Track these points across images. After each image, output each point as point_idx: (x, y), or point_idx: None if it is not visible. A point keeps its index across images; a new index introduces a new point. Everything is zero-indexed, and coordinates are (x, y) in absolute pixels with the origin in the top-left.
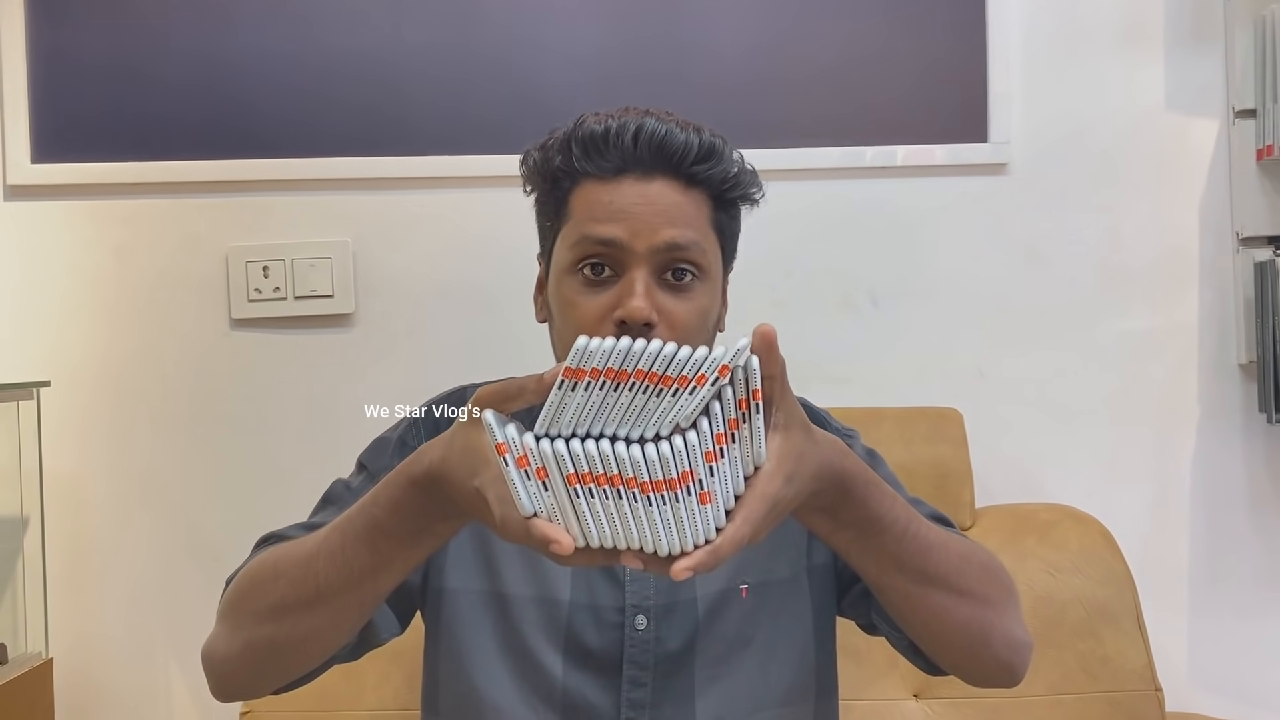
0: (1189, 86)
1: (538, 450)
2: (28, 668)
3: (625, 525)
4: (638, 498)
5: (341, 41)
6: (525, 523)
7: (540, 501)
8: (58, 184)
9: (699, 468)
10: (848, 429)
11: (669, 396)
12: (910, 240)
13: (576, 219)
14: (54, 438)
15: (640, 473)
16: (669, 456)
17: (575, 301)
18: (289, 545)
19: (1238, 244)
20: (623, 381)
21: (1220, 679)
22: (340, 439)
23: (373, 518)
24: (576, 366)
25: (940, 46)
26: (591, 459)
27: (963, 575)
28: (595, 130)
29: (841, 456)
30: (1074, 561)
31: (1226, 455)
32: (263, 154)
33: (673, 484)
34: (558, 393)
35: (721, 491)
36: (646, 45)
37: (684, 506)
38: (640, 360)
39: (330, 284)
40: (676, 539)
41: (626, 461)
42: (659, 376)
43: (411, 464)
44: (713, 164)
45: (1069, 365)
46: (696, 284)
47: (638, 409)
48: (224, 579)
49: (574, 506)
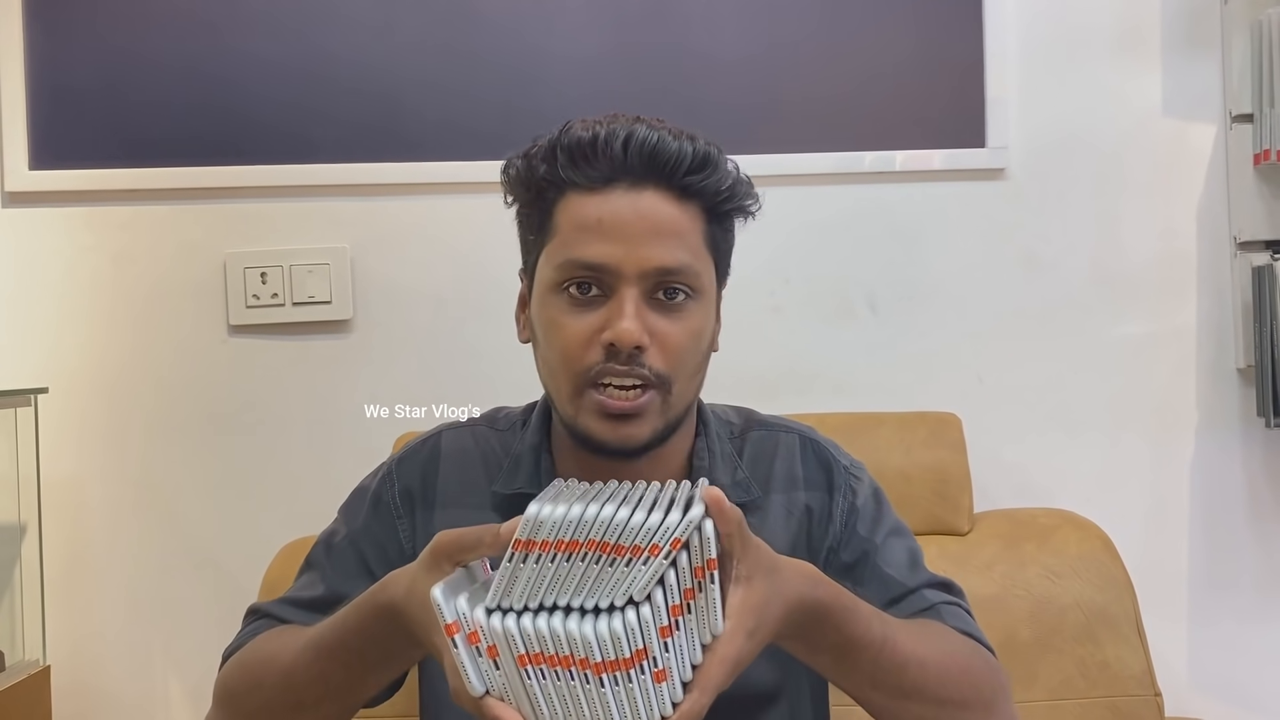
0: (1186, 91)
1: (488, 628)
2: (25, 675)
3: (578, 706)
4: (590, 679)
5: (339, 48)
6: (477, 701)
7: (492, 679)
8: (56, 191)
9: (653, 644)
10: (855, 466)
11: (622, 566)
12: (909, 246)
13: (562, 235)
14: (52, 444)
15: (593, 653)
16: (621, 635)
17: (561, 323)
18: (270, 652)
19: (1235, 248)
20: (574, 552)
21: (1220, 684)
22: (338, 445)
23: (343, 640)
24: (527, 538)
25: (938, 51)
26: (543, 639)
27: (943, 685)
28: (582, 137)
29: (813, 586)
30: (1073, 566)
31: (1225, 460)
32: (260, 160)
33: (627, 663)
34: (508, 565)
35: (677, 666)
36: (644, 51)
37: (638, 686)
38: (592, 530)
39: (328, 290)
40: (630, 717)
41: (578, 642)
42: (611, 546)
43: (377, 592)
44: (707, 174)
45: (1067, 370)
46: (690, 304)
47: (590, 579)
48: (221, 585)
49: (525, 687)
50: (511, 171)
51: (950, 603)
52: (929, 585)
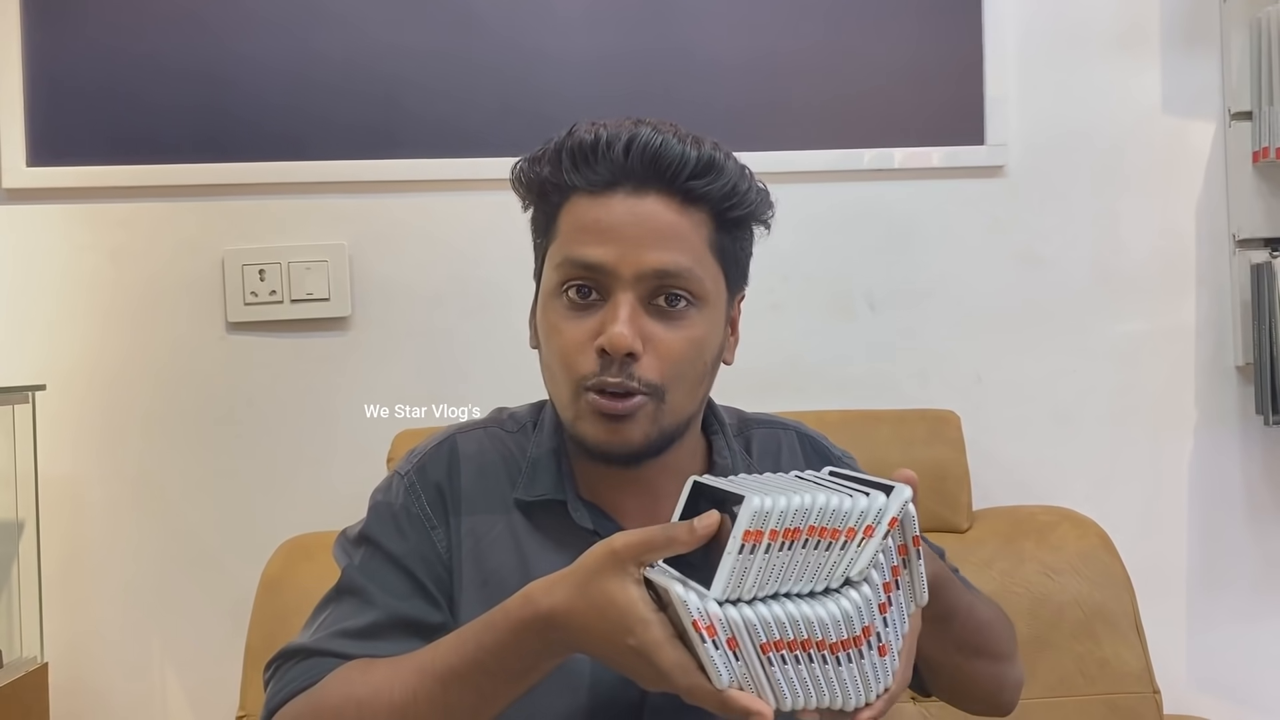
0: (1185, 89)
1: (726, 620)
2: (22, 673)
3: (818, 686)
4: (827, 659)
5: (338, 45)
6: (719, 695)
7: (732, 670)
8: (54, 187)
9: (876, 621)
10: (845, 455)
11: (838, 550)
12: (907, 243)
13: (563, 238)
14: (49, 441)
15: (829, 634)
16: (851, 614)
17: (559, 327)
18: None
19: (1234, 246)
20: (795, 539)
21: (1218, 681)
22: (336, 442)
23: (477, 662)
24: (755, 529)
25: (937, 49)
26: (781, 626)
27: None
28: (585, 140)
29: (931, 561)
30: (1072, 564)
31: (1224, 457)
32: (259, 157)
33: (858, 641)
34: (738, 557)
35: (895, 640)
36: (642, 48)
37: (868, 661)
38: (812, 516)
39: (326, 287)
40: (864, 693)
41: (814, 624)
42: (829, 530)
43: (522, 606)
44: (711, 179)
45: (1066, 368)
46: (691, 311)
47: (811, 564)
48: (219, 582)
49: (767, 674)
50: (518, 174)
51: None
52: None
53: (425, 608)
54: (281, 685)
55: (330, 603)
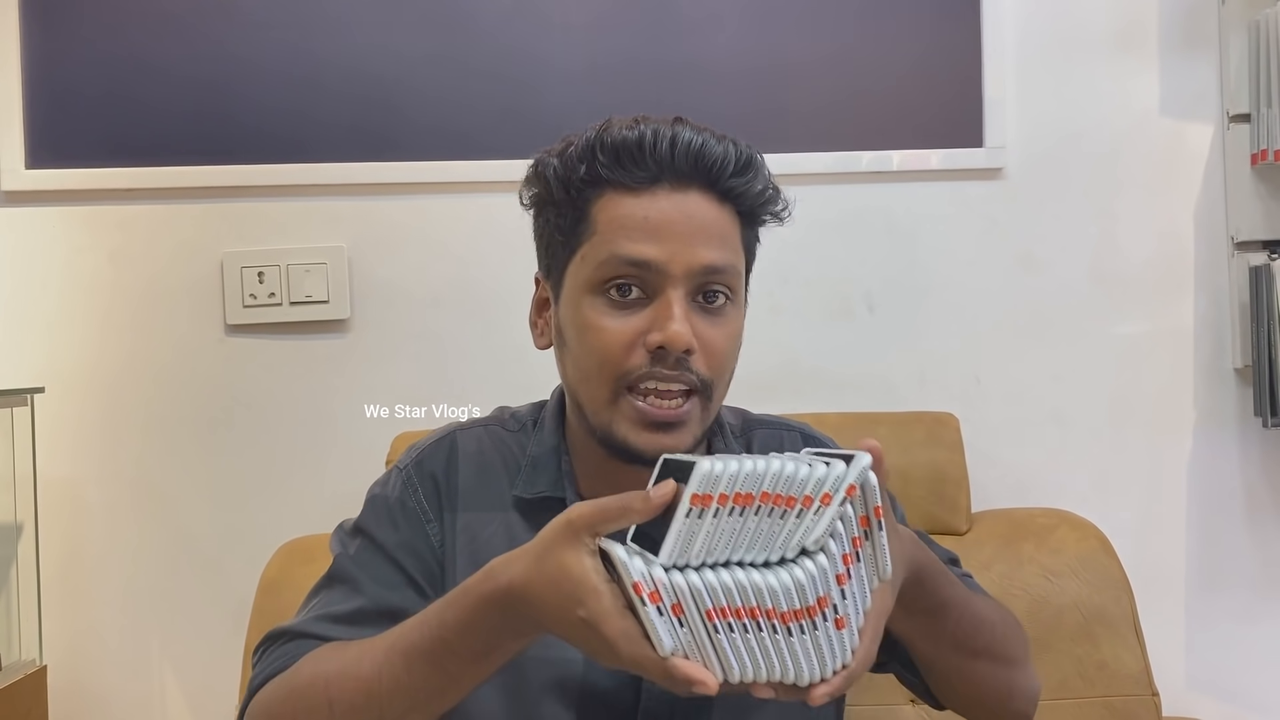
0: (1184, 91)
1: (671, 585)
2: (21, 675)
3: (767, 657)
4: (778, 628)
5: (337, 46)
6: (663, 663)
7: (677, 637)
8: (53, 189)
9: (833, 592)
10: None
11: (793, 518)
12: (906, 245)
13: (603, 234)
14: (48, 444)
15: (779, 602)
16: (804, 583)
17: (601, 325)
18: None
19: (1233, 248)
20: (748, 505)
21: (1217, 683)
22: (335, 445)
23: (440, 639)
24: (703, 492)
25: (935, 51)
26: (728, 591)
27: (1003, 642)
28: (628, 137)
29: (917, 549)
30: (1070, 566)
31: (1222, 460)
32: (258, 159)
33: (811, 611)
34: (685, 521)
35: (854, 613)
36: (640, 50)
37: (823, 634)
38: (766, 482)
39: (325, 290)
40: (817, 667)
41: (765, 591)
42: (784, 498)
43: (483, 581)
44: (749, 178)
45: (1065, 370)
46: (728, 307)
47: (764, 532)
48: (219, 584)
49: (713, 642)
50: (549, 171)
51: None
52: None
53: (413, 599)
54: (264, 666)
55: (321, 589)
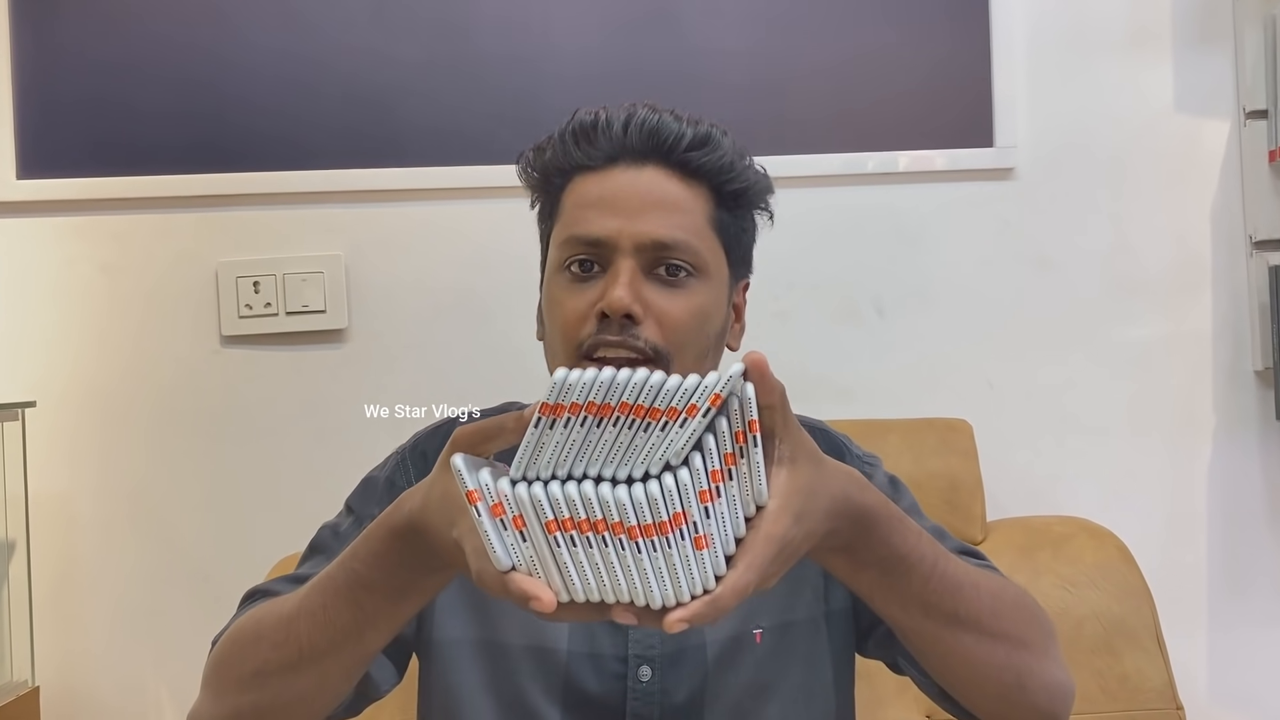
0: (1198, 88)
1: (513, 496)
2: (13, 696)
3: (613, 576)
4: (625, 545)
5: (332, 53)
6: (502, 578)
7: (519, 553)
8: (44, 200)
9: (693, 509)
10: (869, 456)
11: (657, 431)
12: (917, 247)
13: (565, 217)
14: (40, 459)
15: (627, 516)
16: (658, 497)
17: (560, 300)
18: (271, 605)
19: (1251, 248)
20: (605, 416)
21: (1242, 695)
22: (333, 457)
23: (354, 573)
24: (555, 401)
25: (944, 50)
26: (572, 503)
27: (996, 616)
28: (585, 120)
29: (860, 490)
30: (1090, 576)
31: (1243, 463)
32: (253, 167)
33: (664, 527)
34: (534, 431)
35: (720, 535)
36: (644, 51)
37: (677, 553)
38: (625, 392)
39: (322, 299)
40: (670, 589)
41: (611, 504)
42: (645, 409)
43: (392, 513)
44: (707, 151)
45: (1080, 374)
46: (693, 281)
47: (623, 446)
48: (215, 601)
49: (555, 557)
50: (525, 164)
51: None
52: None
53: None
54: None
55: (304, 559)
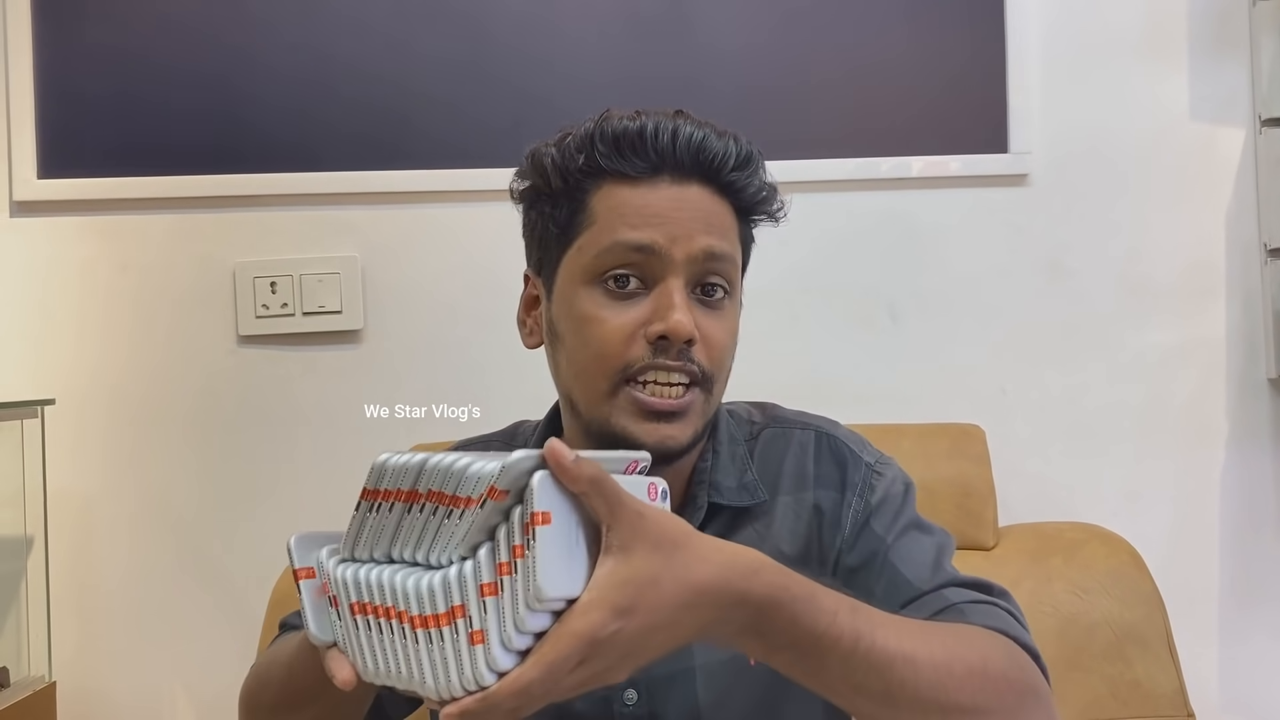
0: (1214, 95)
1: (333, 577)
2: (30, 692)
3: (395, 661)
4: (407, 633)
5: (350, 56)
6: (321, 651)
7: (336, 630)
8: (64, 200)
9: (470, 603)
10: (882, 458)
11: (457, 518)
12: (931, 253)
13: (603, 223)
14: (59, 456)
15: (410, 606)
16: (436, 589)
17: (599, 317)
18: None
19: (1266, 255)
20: (414, 502)
21: (1253, 702)
22: (349, 457)
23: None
24: (372, 487)
25: (959, 56)
26: (368, 588)
27: (941, 689)
28: (629, 127)
29: (747, 575)
30: (1101, 582)
31: (1256, 471)
32: (271, 169)
33: (440, 619)
34: (355, 515)
35: (498, 629)
36: (658, 55)
37: (450, 646)
38: (431, 479)
39: (339, 300)
40: (444, 681)
41: (396, 593)
42: (449, 497)
43: None
44: (749, 173)
45: (1093, 380)
46: (727, 302)
47: (431, 531)
48: (229, 597)
49: (356, 638)
50: (544, 161)
51: (980, 601)
52: (952, 584)
53: None
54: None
55: None
